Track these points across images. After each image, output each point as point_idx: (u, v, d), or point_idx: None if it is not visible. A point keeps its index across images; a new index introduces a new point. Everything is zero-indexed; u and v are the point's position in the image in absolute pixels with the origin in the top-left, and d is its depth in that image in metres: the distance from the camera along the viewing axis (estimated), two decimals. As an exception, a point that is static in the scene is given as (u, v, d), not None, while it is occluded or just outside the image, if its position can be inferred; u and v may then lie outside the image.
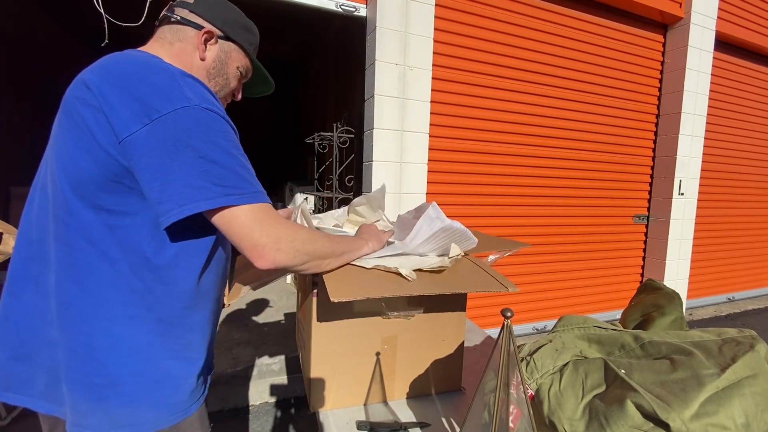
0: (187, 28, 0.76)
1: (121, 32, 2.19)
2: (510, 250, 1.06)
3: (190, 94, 0.62)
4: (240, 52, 0.83)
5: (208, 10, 0.77)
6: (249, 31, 0.84)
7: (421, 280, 0.83)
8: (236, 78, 0.85)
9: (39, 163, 0.75)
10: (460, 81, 2.82)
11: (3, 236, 1.90)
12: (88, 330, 0.64)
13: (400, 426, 0.86)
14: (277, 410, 2.24)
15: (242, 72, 0.85)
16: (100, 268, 0.64)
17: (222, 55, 0.80)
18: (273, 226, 0.65)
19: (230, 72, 0.83)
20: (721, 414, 0.58)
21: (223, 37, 0.79)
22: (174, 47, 0.75)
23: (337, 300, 0.69)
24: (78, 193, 0.62)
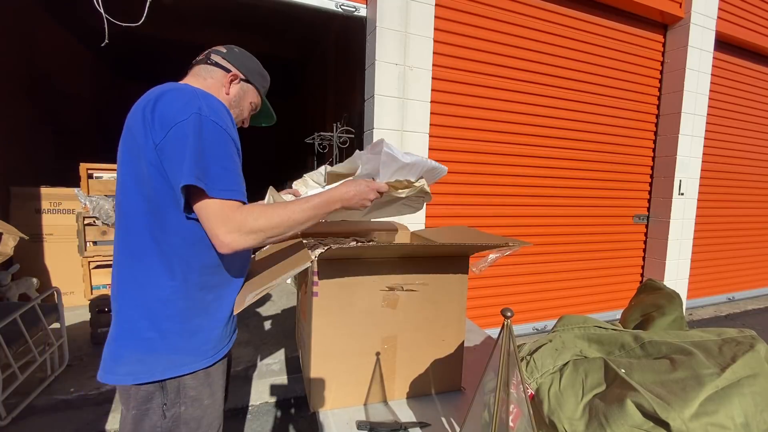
0: (219, 70, 1.02)
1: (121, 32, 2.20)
2: (510, 249, 1.06)
3: (205, 107, 0.83)
4: (255, 92, 1.09)
5: (236, 59, 1.05)
6: (264, 78, 1.12)
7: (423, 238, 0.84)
8: (248, 110, 1.11)
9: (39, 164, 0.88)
10: (460, 81, 2.82)
11: (3, 236, 1.90)
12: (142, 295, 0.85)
13: (400, 426, 0.86)
14: (277, 410, 2.24)
15: (254, 106, 1.12)
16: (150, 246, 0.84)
17: (241, 93, 1.05)
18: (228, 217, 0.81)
19: (245, 105, 1.09)
20: (721, 413, 0.58)
21: (244, 80, 1.05)
22: (207, 82, 1.01)
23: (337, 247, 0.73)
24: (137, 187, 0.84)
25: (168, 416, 0.87)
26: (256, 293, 0.86)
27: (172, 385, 0.87)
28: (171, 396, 0.87)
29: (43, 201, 3.26)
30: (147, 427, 0.86)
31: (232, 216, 0.81)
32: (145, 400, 0.86)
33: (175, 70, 5.36)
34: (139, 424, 0.86)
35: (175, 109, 0.81)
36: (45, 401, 2.06)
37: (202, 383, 0.91)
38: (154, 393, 0.86)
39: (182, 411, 0.88)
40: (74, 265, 3.14)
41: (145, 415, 0.86)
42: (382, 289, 0.92)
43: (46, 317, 2.15)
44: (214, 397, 0.94)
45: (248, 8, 4.00)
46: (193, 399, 0.89)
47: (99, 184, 2.68)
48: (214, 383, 0.94)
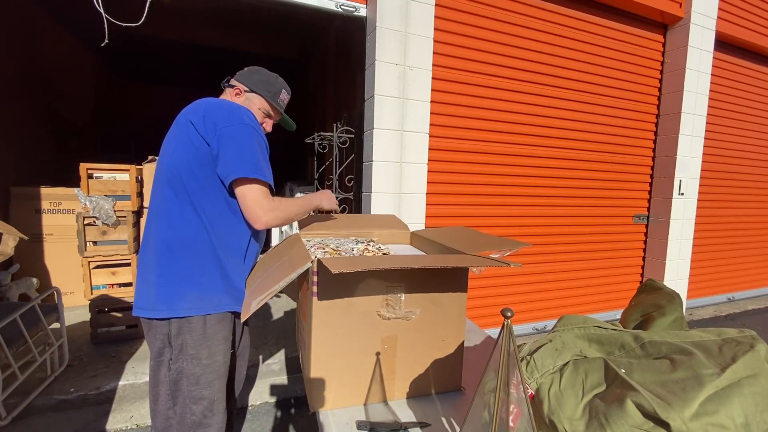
0: (228, 89, 1.30)
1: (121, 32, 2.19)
2: (510, 250, 1.06)
3: (246, 118, 1.13)
4: (260, 97, 1.29)
5: (242, 77, 1.30)
6: (267, 83, 1.30)
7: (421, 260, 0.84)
8: (260, 116, 1.30)
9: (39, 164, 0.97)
10: (460, 81, 2.82)
11: (3, 236, 1.90)
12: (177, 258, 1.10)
13: (400, 426, 0.86)
14: (277, 410, 2.24)
15: (264, 112, 1.31)
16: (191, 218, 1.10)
17: (246, 102, 1.28)
18: (264, 201, 1.10)
19: (253, 112, 1.25)
20: (721, 413, 0.58)
21: (247, 91, 1.28)
22: (226, 98, 1.28)
23: (337, 272, 0.75)
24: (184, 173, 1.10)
25: (173, 369, 1.09)
26: (260, 299, 0.88)
27: (177, 342, 1.09)
28: (175, 352, 1.09)
29: (43, 201, 3.26)
30: (161, 375, 1.11)
31: (267, 200, 1.09)
32: (159, 353, 1.11)
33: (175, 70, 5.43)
34: (155, 372, 1.11)
35: (223, 116, 1.09)
36: (45, 401, 2.06)
37: (201, 344, 1.10)
38: (164, 349, 1.10)
39: (184, 366, 1.09)
40: (74, 265, 3.14)
41: (159, 366, 1.11)
42: (381, 291, 0.92)
43: (46, 317, 2.15)
44: (213, 359, 1.12)
45: (248, 8, 4.00)
46: (192, 357, 1.09)
47: (99, 184, 2.68)
48: (212, 346, 1.12)
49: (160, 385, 1.10)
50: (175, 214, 1.09)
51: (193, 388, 1.09)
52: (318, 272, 0.86)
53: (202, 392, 1.10)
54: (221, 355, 1.14)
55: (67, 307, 2.93)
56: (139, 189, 2.82)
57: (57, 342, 2.26)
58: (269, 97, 1.29)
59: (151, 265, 1.10)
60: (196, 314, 1.08)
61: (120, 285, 2.75)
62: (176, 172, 1.08)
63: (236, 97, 1.27)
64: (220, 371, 1.14)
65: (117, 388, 2.19)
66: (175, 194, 1.08)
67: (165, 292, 1.07)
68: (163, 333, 1.09)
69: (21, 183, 3.34)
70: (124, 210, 2.70)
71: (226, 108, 1.12)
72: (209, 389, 1.11)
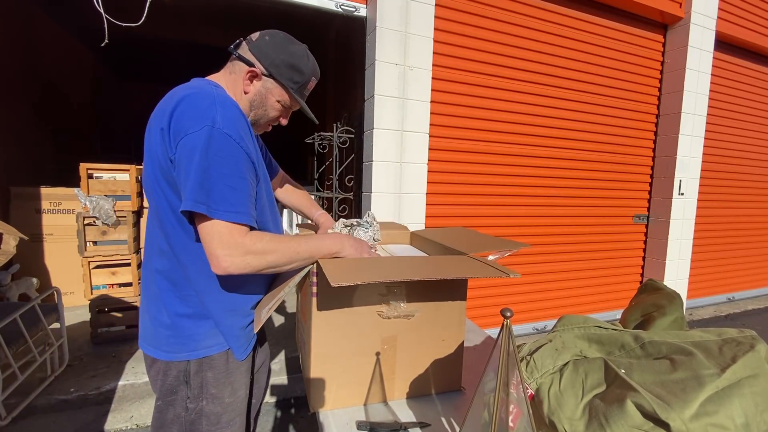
0: (241, 64, 0.93)
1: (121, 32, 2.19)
2: (510, 250, 1.06)
3: (219, 118, 0.80)
4: (281, 88, 0.96)
5: (262, 51, 0.93)
6: (295, 70, 0.96)
7: (422, 267, 0.84)
8: (276, 109, 1.00)
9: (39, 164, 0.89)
10: (460, 81, 2.82)
11: (3, 236, 1.90)
12: None
13: (400, 426, 0.86)
14: (277, 410, 2.24)
15: (283, 104, 0.99)
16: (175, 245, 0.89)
17: (263, 90, 0.95)
18: (230, 241, 0.79)
19: (269, 104, 0.97)
20: (721, 414, 0.58)
21: (267, 75, 0.94)
22: (231, 77, 0.95)
23: (337, 284, 0.71)
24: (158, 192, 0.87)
25: (191, 409, 0.92)
26: (269, 308, 0.88)
27: (196, 381, 0.92)
28: (194, 392, 0.92)
29: (43, 201, 3.26)
30: (170, 416, 0.92)
31: (231, 240, 0.79)
32: (170, 392, 0.92)
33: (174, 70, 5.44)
34: (162, 413, 0.93)
35: (188, 118, 0.80)
36: (45, 401, 2.06)
37: (223, 381, 0.95)
38: (177, 387, 0.92)
39: (203, 406, 0.93)
40: (74, 265, 3.14)
41: (169, 406, 0.92)
42: (382, 292, 0.92)
43: (46, 317, 2.15)
44: (235, 395, 0.97)
45: (248, 8, 4.00)
46: (214, 396, 0.94)
47: (99, 184, 2.68)
48: (236, 381, 0.97)
49: (166, 426, 0.93)
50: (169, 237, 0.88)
51: (212, 428, 0.94)
52: (318, 273, 0.86)
53: (221, 431, 0.96)
54: (243, 389, 1.01)
55: (67, 307, 2.92)
56: (139, 189, 2.82)
57: (57, 342, 2.27)
58: (295, 90, 0.97)
59: (152, 297, 0.93)
60: (217, 351, 0.93)
61: (120, 285, 2.75)
62: (154, 187, 0.87)
63: (250, 81, 0.94)
64: (242, 406, 1.01)
65: (117, 388, 2.19)
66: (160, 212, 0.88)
67: (179, 331, 0.91)
68: (178, 369, 0.91)
69: (21, 183, 3.34)
70: (124, 210, 2.69)
71: (196, 105, 0.81)
72: (230, 428, 0.97)
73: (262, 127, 1.04)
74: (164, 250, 0.90)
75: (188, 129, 0.78)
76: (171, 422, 0.92)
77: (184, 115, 0.80)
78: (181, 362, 0.91)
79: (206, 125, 0.78)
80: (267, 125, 1.04)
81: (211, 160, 0.78)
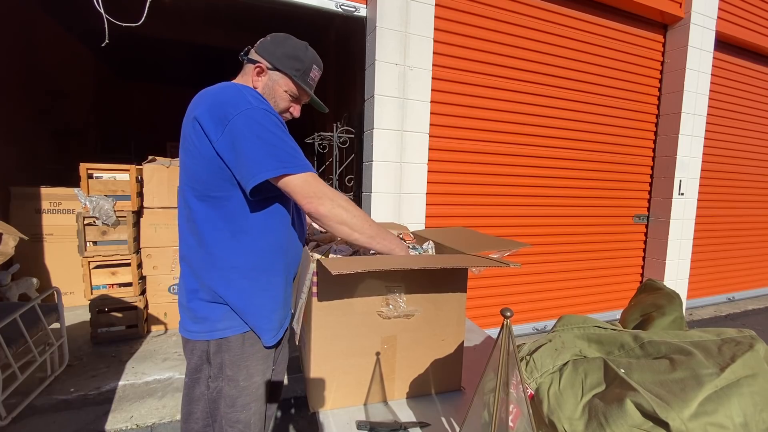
0: (249, 65, 1.06)
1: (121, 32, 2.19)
2: (510, 250, 1.06)
3: (252, 100, 0.93)
4: (286, 78, 1.06)
5: (264, 49, 1.05)
6: (295, 59, 1.05)
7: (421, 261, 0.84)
8: (285, 99, 1.08)
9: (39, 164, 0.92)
10: (460, 81, 2.82)
11: (3, 236, 1.90)
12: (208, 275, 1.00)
13: (400, 426, 0.86)
14: (277, 410, 2.24)
15: (290, 94, 1.08)
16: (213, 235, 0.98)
17: (270, 83, 1.06)
18: (317, 186, 0.93)
19: (278, 95, 1.07)
20: (720, 413, 0.58)
21: (271, 68, 1.05)
22: (243, 78, 1.08)
23: (337, 273, 0.74)
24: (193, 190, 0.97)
25: (212, 387, 1.02)
26: (297, 318, 0.95)
27: (216, 361, 1.01)
28: (214, 371, 1.02)
29: (43, 201, 3.26)
30: (197, 392, 1.04)
31: (317, 186, 0.93)
32: (195, 370, 1.03)
33: (175, 70, 5.42)
34: (190, 389, 1.04)
35: (227, 106, 0.91)
36: (45, 401, 2.07)
37: (238, 364, 1.01)
38: (201, 366, 1.02)
39: (222, 386, 1.02)
40: (74, 265, 3.14)
41: (196, 383, 1.03)
42: (381, 291, 0.92)
43: (46, 317, 2.15)
44: (251, 380, 1.03)
45: (248, 8, 3.99)
46: (230, 378, 1.01)
47: (99, 184, 2.68)
48: (251, 366, 1.03)
49: (194, 402, 1.03)
50: (200, 226, 0.97)
51: (229, 411, 1.02)
52: (318, 273, 0.87)
53: (238, 415, 1.02)
54: (260, 375, 1.05)
55: (67, 307, 2.93)
56: (139, 189, 2.82)
57: (57, 342, 2.27)
58: (298, 77, 1.05)
59: (185, 281, 1.03)
60: (232, 334, 1.00)
61: (120, 285, 2.75)
62: (195, 177, 0.96)
63: (258, 76, 1.05)
64: (258, 392, 1.06)
65: (117, 388, 2.19)
66: (198, 202, 0.97)
67: (199, 312, 1.00)
68: (201, 350, 1.01)
69: (21, 183, 3.34)
70: (124, 210, 2.69)
71: (228, 94, 0.94)
72: (245, 412, 1.03)
73: None
74: (186, 235, 1.01)
75: (230, 115, 0.89)
76: (198, 399, 1.03)
77: (221, 106, 0.91)
78: (203, 342, 1.01)
79: (245, 108, 0.90)
80: (283, 116, 1.11)
81: (263, 133, 0.90)
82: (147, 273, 2.90)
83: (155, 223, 2.88)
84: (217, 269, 0.99)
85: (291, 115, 1.12)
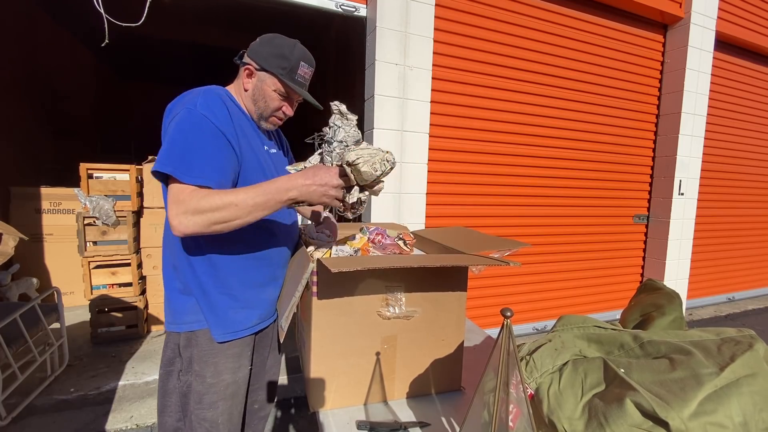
0: (241, 68, 1.06)
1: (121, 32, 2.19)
2: (510, 250, 1.06)
3: (201, 103, 0.91)
4: (273, 77, 1.03)
5: (252, 50, 1.05)
6: (281, 58, 1.02)
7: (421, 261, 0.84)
8: (275, 99, 1.05)
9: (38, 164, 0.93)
10: (460, 81, 2.82)
11: (3, 236, 1.90)
12: None
13: (400, 426, 0.86)
14: (277, 410, 2.24)
15: (279, 93, 1.05)
16: None
17: (259, 84, 1.04)
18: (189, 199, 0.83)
19: (267, 95, 1.05)
20: (720, 413, 0.58)
21: (259, 69, 1.03)
22: (236, 83, 1.09)
23: (337, 271, 0.74)
24: None
25: (182, 381, 1.02)
26: (286, 316, 0.91)
27: (186, 354, 1.01)
28: (185, 365, 1.02)
29: (43, 201, 3.26)
30: (170, 385, 1.04)
31: (183, 198, 0.83)
32: (168, 362, 1.04)
33: (174, 70, 5.42)
34: (164, 381, 1.05)
35: (176, 105, 0.93)
36: (45, 401, 2.07)
37: (206, 360, 1.00)
38: (174, 359, 1.03)
39: (191, 381, 1.01)
40: (74, 265, 3.14)
41: (168, 375, 1.04)
42: (381, 291, 0.92)
43: (46, 317, 2.15)
44: (219, 377, 1.01)
45: (248, 8, 4.00)
46: (197, 374, 1.00)
47: (99, 184, 2.68)
48: (219, 363, 1.01)
49: (167, 395, 1.03)
50: (167, 224, 0.96)
51: (196, 407, 1.00)
52: (318, 272, 0.87)
53: (205, 413, 1.00)
54: (229, 373, 1.02)
55: (67, 307, 2.93)
56: (139, 189, 2.82)
57: (57, 342, 2.27)
58: (284, 75, 1.02)
59: (164, 270, 1.06)
60: (199, 327, 1.00)
61: (120, 285, 2.75)
62: None
63: (249, 78, 1.05)
64: (227, 391, 1.02)
65: (117, 388, 2.19)
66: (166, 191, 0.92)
67: (173, 303, 1.02)
68: (174, 342, 1.02)
69: (21, 183, 3.34)
70: (124, 210, 2.69)
71: (185, 95, 0.95)
72: (212, 410, 1.00)
73: (272, 121, 1.10)
74: (166, 227, 1.01)
75: (174, 113, 0.91)
76: (171, 392, 1.03)
77: (176, 104, 0.94)
78: (175, 334, 1.02)
79: (187, 108, 0.89)
80: (275, 118, 1.10)
81: (180, 132, 0.87)
82: (147, 273, 2.90)
83: (155, 223, 2.88)
84: (185, 257, 0.99)
85: (284, 114, 1.09)
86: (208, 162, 0.87)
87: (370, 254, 1.13)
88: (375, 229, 1.24)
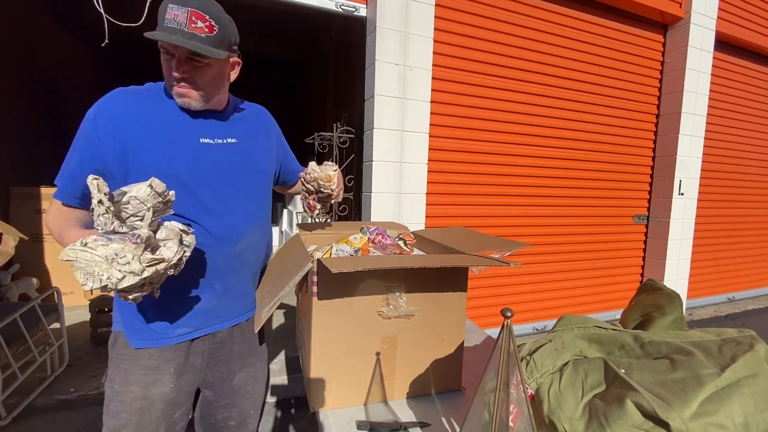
0: None
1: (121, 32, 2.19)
2: (510, 250, 1.06)
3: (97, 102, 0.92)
4: None
5: None
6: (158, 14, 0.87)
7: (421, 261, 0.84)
8: (164, 63, 0.90)
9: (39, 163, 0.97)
10: (460, 81, 2.82)
11: (3, 236, 1.90)
12: None
13: (400, 426, 0.86)
14: (277, 410, 2.24)
15: (164, 54, 0.89)
16: None
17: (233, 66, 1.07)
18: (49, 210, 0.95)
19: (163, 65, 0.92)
20: (721, 413, 0.58)
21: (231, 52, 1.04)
22: None
23: (337, 271, 0.74)
24: None
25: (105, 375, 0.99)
26: (269, 307, 0.85)
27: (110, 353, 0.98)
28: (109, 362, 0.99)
29: (43, 201, 3.26)
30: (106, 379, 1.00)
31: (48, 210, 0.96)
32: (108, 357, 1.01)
33: (175, 70, 5.19)
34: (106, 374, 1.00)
35: None
36: (45, 401, 2.07)
37: (116, 365, 0.96)
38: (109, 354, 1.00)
39: (106, 382, 0.97)
40: (74, 265, 3.14)
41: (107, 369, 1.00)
42: (381, 291, 0.92)
43: (46, 317, 2.15)
44: (127, 387, 0.93)
45: (248, 8, 4.00)
46: (109, 377, 0.97)
47: (99, 184, 2.68)
48: (131, 372, 0.94)
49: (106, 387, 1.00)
50: None
51: (104, 411, 0.94)
52: (318, 272, 0.86)
53: (108, 420, 0.93)
54: (140, 386, 0.93)
55: (67, 307, 2.92)
56: (139, 189, 2.82)
57: (57, 342, 2.27)
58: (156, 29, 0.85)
59: None
60: (119, 329, 0.96)
61: (120, 285, 2.75)
62: None
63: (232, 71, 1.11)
64: (134, 405, 0.93)
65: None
66: None
67: None
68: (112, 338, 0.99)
69: (21, 183, 3.34)
70: (124, 210, 2.70)
71: None
72: (114, 420, 0.93)
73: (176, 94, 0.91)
74: None
75: None
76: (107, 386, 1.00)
77: None
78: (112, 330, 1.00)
79: None
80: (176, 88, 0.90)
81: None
82: (147, 273, 2.90)
83: (155, 223, 2.88)
84: None
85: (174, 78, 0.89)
86: (63, 172, 0.94)
87: (370, 254, 1.13)
88: (375, 229, 1.23)
